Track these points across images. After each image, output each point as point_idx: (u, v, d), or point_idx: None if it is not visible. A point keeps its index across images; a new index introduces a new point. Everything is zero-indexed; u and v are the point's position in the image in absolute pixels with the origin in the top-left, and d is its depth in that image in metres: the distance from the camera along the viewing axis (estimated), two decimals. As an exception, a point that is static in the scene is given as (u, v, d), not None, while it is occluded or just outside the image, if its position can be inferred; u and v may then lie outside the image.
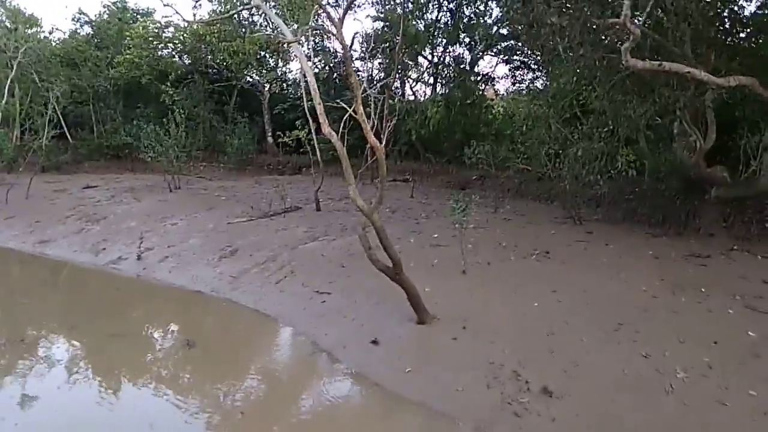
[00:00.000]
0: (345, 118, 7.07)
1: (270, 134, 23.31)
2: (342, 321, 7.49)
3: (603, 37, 8.48)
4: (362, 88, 6.78)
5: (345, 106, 6.71)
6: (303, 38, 10.26)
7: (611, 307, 7.06)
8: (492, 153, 12.79)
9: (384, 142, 15.92)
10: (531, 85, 22.89)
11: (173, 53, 23.39)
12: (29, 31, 21.76)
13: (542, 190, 15.12)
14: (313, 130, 13.11)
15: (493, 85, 23.39)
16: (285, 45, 21.54)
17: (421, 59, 21.66)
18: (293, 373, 6.65)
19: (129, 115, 22.12)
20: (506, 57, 22.47)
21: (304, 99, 13.36)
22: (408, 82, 21.86)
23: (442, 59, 21.14)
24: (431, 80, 21.86)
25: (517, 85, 23.60)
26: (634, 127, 8.54)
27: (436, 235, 10.47)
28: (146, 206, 14.16)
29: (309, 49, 21.98)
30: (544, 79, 21.85)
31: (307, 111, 13.30)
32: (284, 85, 25.31)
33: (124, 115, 22.27)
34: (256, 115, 22.87)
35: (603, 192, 11.81)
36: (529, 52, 22.14)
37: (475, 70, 22.27)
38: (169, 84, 21.12)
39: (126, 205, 14.40)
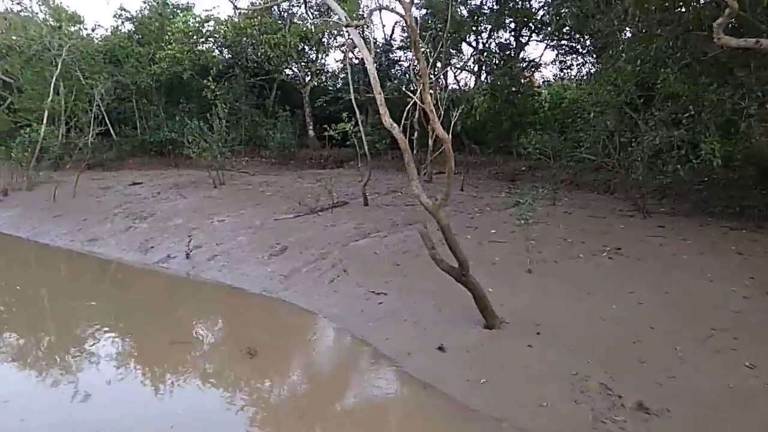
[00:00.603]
0: (408, 107, 6.52)
1: (311, 128, 23.03)
2: (402, 325, 7.04)
3: (682, 14, 7.75)
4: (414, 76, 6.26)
5: (410, 94, 6.20)
6: (364, 23, 9.74)
7: (700, 311, 6.43)
8: (546, 142, 12.10)
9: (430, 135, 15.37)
10: (580, 70, 22.06)
11: (214, 47, 23.27)
12: (72, 29, 21.88)
13: (600, 181, 14.39)
14: (360, 122, 12.65)
15: (540, 71, 22.65)
16: (335, 32, 21.18)
17: (465, 46, 20.97)
18: (357, 384, 6.21)
19: (171, 110, 22.11)
20: (553, 42, 21.66)
21: (351, 90, 12.93)
22: (452, 70, 21.16)
23: (487, 45, 20.40)
24: (476, 68, 21.15)
25: (565, 71, 22.79)
26: (719, 112, 7.80)
27: (493, 231, 9.93)
28: (192, 203, 13.98)
29: (350, 38, 21.61)
30: (594, 64, 20.99)
31: (354, 103, 12.84)
32: (323, 77, 25.01)
33: (166, 111, 22.27)
34: (296, 109, 22.57)
35: (668, 182, 11.06)
36: (578, 37, 21.32)
37: (521, 56, 21.55)
38: (210, 79, 20.98)
39: (172, 201, 14.26)
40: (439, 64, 20.37)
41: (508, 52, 20.79)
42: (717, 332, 5.90)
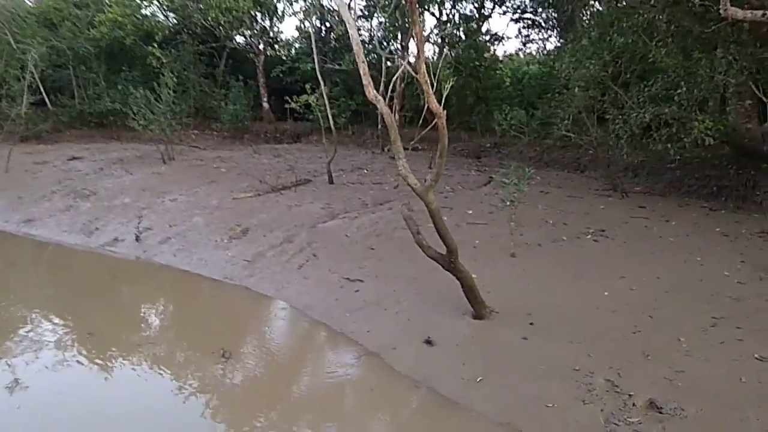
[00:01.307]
0: (394, 80, 5.87)
1: (266, 99, 21.94)
2: (383, 315, 6.51)
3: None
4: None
5: (408, 65, 5.57)
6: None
7: (697, 297, 6.17)
8: (522, 118, 11.70)
9: (396, 108, 14.72)
10: (544, 45, 21.84)
11: (158, 11, 21.72)
12: (0, -12, 19.95)
13: (569, 159, 14.17)
14: (325, 95, 11.88)
15: (503, 45, 22.26)
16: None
17: (427, 17, 20.28)
18: (340, 385, 5.57)
19: (113, 79, 20.55)
20: (516, 15, 21.28)
21: (315, 59, 12.09)
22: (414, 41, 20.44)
23: (450, 16, 19.77)
24: (438, 40, 20.53)
25: (528, 45, 22.52)
26: (712, 88, 7.50)
27: (470, 212, 9.49)
28: (140, 180, 12.94)
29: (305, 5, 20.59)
30: (557, 39, 20.74)
31: (319, 73, 12.03)
32: (276, 46, 23.82)
33: (107, 79, 20.63)
34: (249, 79, 21.39)
35: (640, 161, 10.88)
36: (541, 11, 20.99)
37: (484, 29, 21.08)
38: (155, 45, 19.57)
39: (117, 178, 13.17)
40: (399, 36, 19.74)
41: (471, 24, 20.25)
42: (719, 321, 5.63)
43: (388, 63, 18.51)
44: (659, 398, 4.59)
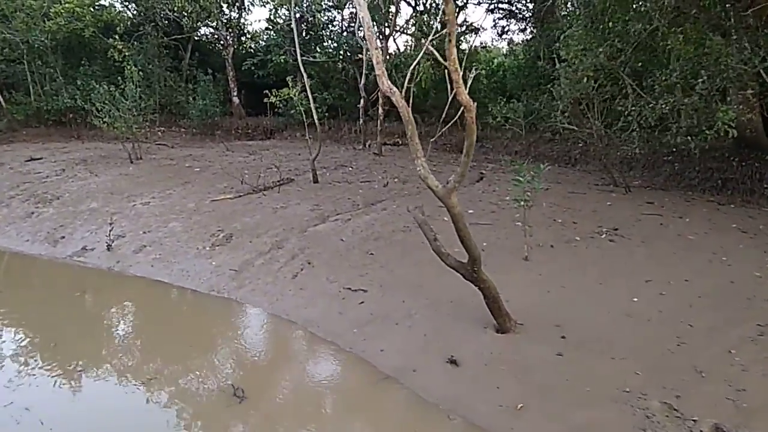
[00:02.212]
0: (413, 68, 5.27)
1: (235, 94, 21.00)
2: (395, 331, 5.88)
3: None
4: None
5: (436, 52, 4.96)
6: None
7: (734, 302, 5.73)
8: (517, 110, 11.20)
9: (370, 101, 14.07)
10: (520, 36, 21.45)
11: (117, 2, 20.55)
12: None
13: (558, 152, 13.77)
14: (308, 88, 11.13)
15: (479, 35, 21.83)
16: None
17: (404, 7, 19.66)
18: (366, 421, 4.89)
19: (71, 74, 19.37)
20: (492, 6, 20.87)
21: (297, 51, 11.33)
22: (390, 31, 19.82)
23: (427, 6, 19.18)
24: (416, 31, 19.91)
25: (505, 36, 22.15)
26: (735, 77, 7.10)
27: (471, 212, 8.92)
28: (106, 182, 11.99)
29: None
30: (534, 29, 20.35)
31: (301, 65, 11.27)
32: (243, 38, 22.81)
33: (65, 74, 19.41)
34: (217, 73, 20.40)
35: (634, 153, 10.49)
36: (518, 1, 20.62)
37: (461, 20, 20.57)
38: (117, 37, 18.46)
39: (81, 180, 12.17)
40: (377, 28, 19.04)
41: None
42: (765, 330, 5.19)
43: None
44: (726, 423, 4.10)
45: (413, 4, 19.29)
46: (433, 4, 19.51)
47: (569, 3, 15.75)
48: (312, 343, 6.01)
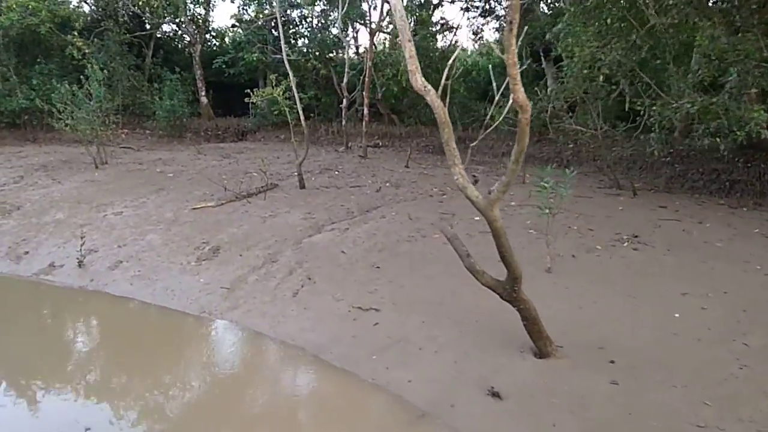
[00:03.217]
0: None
1: (203, 94, 20.01)
2: (421, 357, 5.28)
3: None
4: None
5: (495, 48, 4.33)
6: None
7: (785, 316, 5.33)
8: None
9: (366, 102, 13.47)
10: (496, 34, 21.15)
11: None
12: None
13: (548, 153, 13.41)
14: (294, 87, 10.40)
15: (455, 34, 21.46)
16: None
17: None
18: None
19: (26, 73, 18.05)
20: (466, 4, 20.47)
21: (282, 47, 10.59)
22: (366, 29, 19.22)
23: (404, 2, 18.62)
24: (391, 28, 19.36)
25: (480, 35, 21.82)
26: (763, 75, 6.74)
27: (477, 219, 8.36)
28: (72, 189, 11.00)
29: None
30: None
31: (286, 62, 10.53)
32: (208, 36, 21.80)
33: (18, 73, 18.06)
34: (183, 72, 19.37)
35: (630, 154, 10.18)
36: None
37: (436, 17, 20.19)
38: (75, 34, 17.30)
39: (43, 188, 11.15)
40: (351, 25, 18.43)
41: (423, 12, 19.23)
42: (830, 347, 4.80)
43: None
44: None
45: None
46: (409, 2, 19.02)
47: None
48: (327, 373, 5.33)
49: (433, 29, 19.73)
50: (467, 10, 20.91)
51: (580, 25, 9.19)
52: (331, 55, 19.85)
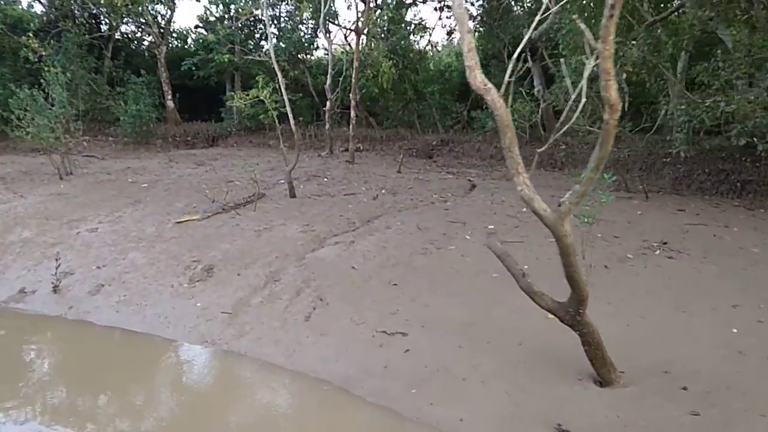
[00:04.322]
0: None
1: (170, 98, 19.00)
2: (466, 390, 4.70)
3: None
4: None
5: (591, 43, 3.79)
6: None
7: None
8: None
9: (353, 104, 12.83)
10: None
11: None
12: None
13: (540, 156, 13.01)
14: (282, 87, 9.69)
15: (430, 34, 21.05)
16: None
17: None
18: None
19: (-27, 77, 16.73)
20: (440, 3, 20.08)
21: (270, 47, 9.85)
22: (342, 30, 18.65)
23: (380, 3, 18.07)
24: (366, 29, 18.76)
25: (454, 36, 21.45)
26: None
27: (490, 226, 7.88)
28: (37, 204, 10.01)
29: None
30: (483, 29, 19.70)
31: (274, 61, 9.79)
32: (169, 38, 20.73)
33: (-34, 77, 16.75)
34: (147, 75, 18.30)
35: (629, 154, 9.89)
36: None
37: (409, 17, 19.69)
38: (30, 36, 16.09)
39: (4, 204, 10.11)
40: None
41: (398, 12, 18.71)
42: None
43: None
44: None
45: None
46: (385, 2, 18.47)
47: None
48: (364, 413, 4.69)
49: (409, 28, 19.21)
50: (442, 9, 20.56)
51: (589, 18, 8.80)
52: (301, 56, 19.15)
